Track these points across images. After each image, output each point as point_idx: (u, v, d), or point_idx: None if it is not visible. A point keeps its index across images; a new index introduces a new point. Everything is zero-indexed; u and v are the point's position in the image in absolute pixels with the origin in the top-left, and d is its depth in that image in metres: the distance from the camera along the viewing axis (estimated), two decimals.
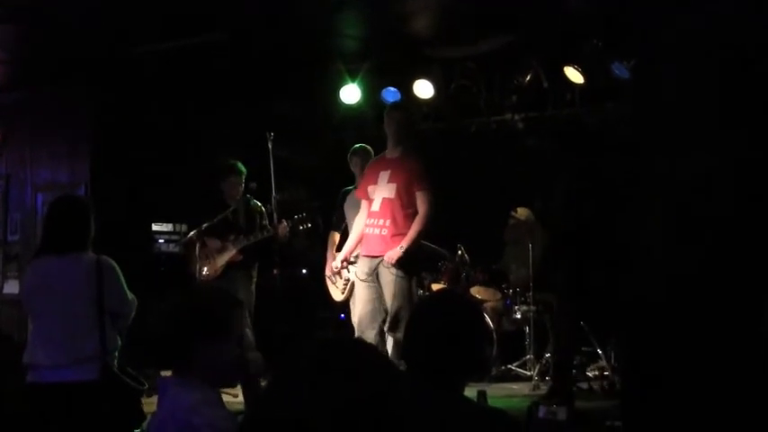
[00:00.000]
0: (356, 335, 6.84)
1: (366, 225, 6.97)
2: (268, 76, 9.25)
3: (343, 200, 7.85)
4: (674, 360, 5.18)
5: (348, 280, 7.55)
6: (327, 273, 7.84)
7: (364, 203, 7.12)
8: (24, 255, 9.19)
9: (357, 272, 7.07)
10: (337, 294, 7.76)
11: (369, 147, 7.87)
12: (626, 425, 5.35)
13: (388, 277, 6.70)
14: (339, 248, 7.69)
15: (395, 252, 6.64)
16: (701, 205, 5.14)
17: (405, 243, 6.67)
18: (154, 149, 9.38)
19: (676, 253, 5.25)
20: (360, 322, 6.94)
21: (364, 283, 6.90)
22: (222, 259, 7.74)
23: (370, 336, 6.74)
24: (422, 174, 6.86)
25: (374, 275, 6.83)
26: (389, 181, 6.87)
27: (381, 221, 6.83)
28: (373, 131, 8.53)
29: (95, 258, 4.93)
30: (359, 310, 6.97)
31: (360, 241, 7.12)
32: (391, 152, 7.05)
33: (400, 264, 6.65)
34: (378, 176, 6.97)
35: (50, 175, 9.62)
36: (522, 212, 8.94)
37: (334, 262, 7.56)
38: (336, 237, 7.95)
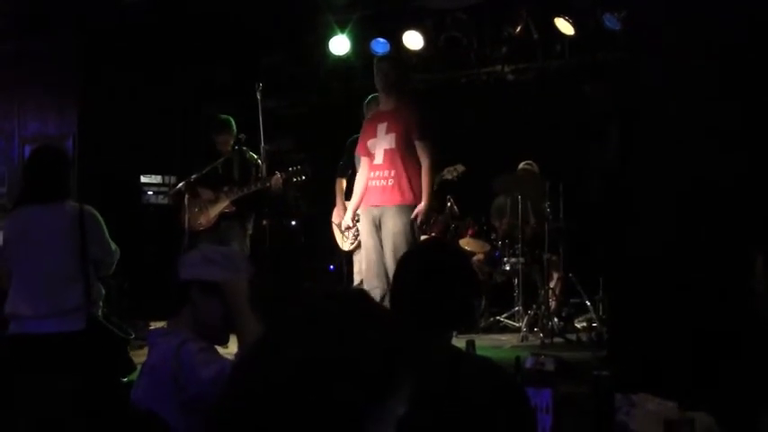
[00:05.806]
0: (356, 283, 6.83)
1: (370, 179, 6.92)
2: (257, 27, 9.18)
3: (353, 146, 7.71)
4: (661, 311, 5.21)
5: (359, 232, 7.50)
6: (335, 219, 7.80)
7: (365, 159, 7.08)
8: None
9: (360, 223, 7.06)
10: (345, 244, 7.72)
11: None
12: (613, 375, 5.39)
13: (391, 229, 6.70)
14: (347, 196, 7.64)
15: (421, 209, 6.69)
16: (691, 162, 5.14)
17: (425, 199, 6.71)
18: (142, 101, 9.33)
19: (667, 207, 5.26)
20: (366, 271, 6.95)
21: (367, 234, 6.90)
22: (215, 210, 7.72)
23: (376, 284, 6.74)
24: (419, 123, 6.81)
25: (377, 225, 6.83)
26: (387, 132, 6.83)
27: (387, 173, 6.80)
28: (362, 83, 8.48)
29: (78, 207, 4.89)
30: (365, 259, 6.98)
31: (364, 196, 7.10)
32: (385, 104, 7.00)
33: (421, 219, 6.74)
34: (376, 129, 6.93)
35: (38, 127, 9.54)
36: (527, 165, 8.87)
37: (343, 220, 7.51)
38: (343, 183, 7.87)
